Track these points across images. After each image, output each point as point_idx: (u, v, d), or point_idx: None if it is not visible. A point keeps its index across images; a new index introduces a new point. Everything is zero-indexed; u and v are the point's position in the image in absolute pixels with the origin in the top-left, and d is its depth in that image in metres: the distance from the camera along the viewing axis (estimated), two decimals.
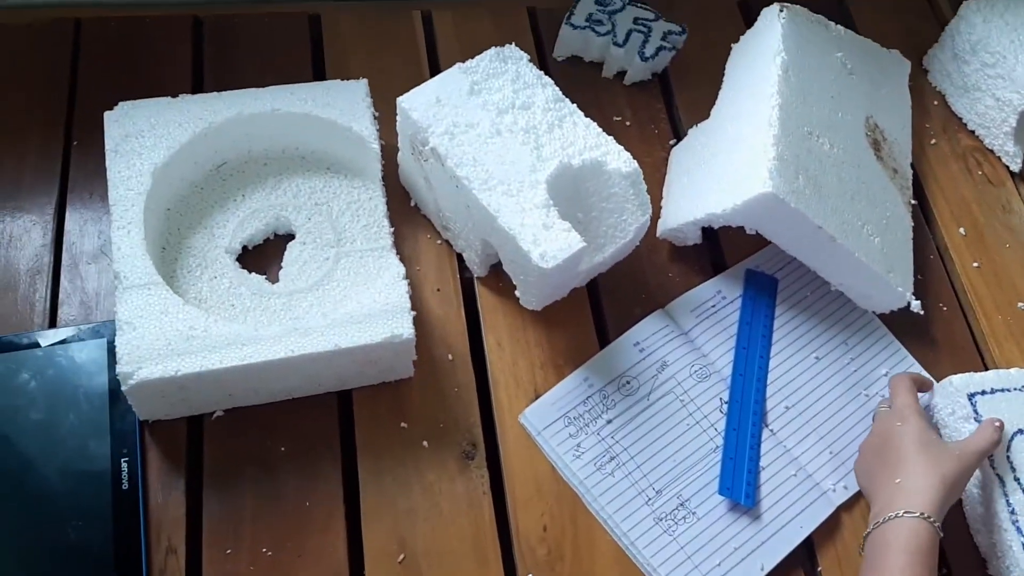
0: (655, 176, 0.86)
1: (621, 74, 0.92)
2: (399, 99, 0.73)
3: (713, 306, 0.80)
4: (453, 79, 0.75)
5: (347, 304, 0.70)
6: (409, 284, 0.70)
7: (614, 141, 0.73)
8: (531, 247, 0.68)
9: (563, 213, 0.70)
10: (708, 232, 0.81)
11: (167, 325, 0.65)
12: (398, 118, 0.75)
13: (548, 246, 0.68)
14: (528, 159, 0.72)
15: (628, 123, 0.90)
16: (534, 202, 0.70)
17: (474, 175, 0.70)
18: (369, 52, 0.90)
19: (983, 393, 0.72)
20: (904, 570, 0.61)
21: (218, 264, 0.73)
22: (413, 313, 0.69)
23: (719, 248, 0.84)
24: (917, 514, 0.63)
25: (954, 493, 0.66)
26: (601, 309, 0.79)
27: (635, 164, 0.72)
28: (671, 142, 0.89)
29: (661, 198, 0.85)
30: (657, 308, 0.79)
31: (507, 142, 0.72)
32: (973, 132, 0.95)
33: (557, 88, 0.76)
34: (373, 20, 0.91)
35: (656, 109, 0.91)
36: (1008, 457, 0.70)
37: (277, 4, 0.92)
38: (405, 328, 0.67)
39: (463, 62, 0.76)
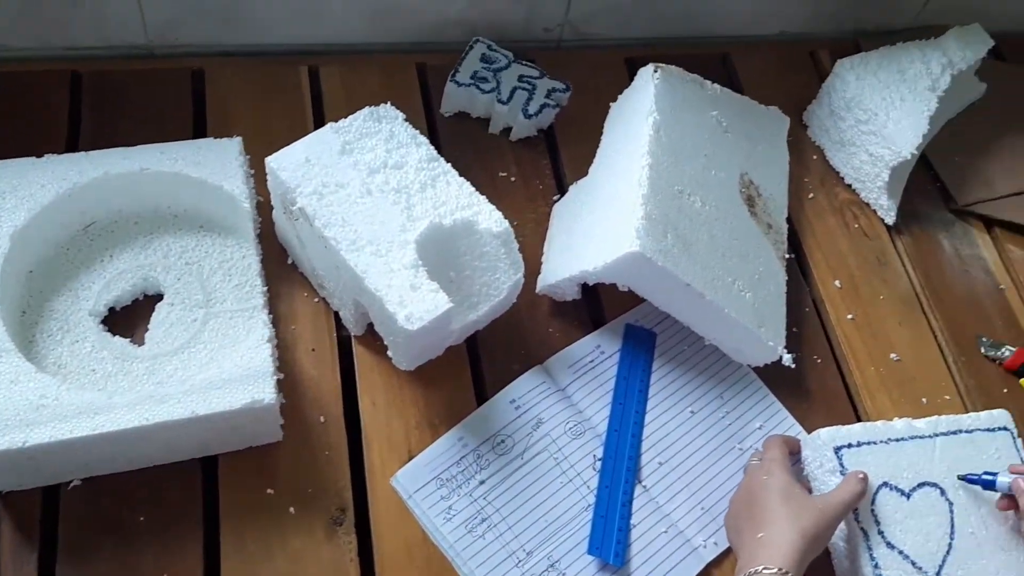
0: (538, 232, 0.87)
1: (508, 130, 0.93)
2: (267, 159, 0.73)
3: (591, 361, 0.80)
4: (324, 139, 0.75)
5: (211, 368, 0.68)
6: (278, 346, 0.70)
7: (486, 200, 0.74)
8: (397, 308, 0.68)
9: (434, 273, 0.71)
10: (588, 286, 0.82)
11: (16, 394, 0.63)
12: (268, 178, 0.74)
13: (414, 308, 0.68)
14: (398, 219, 0.72)
15: (513, 179, 0.91)
16: (403, 262, 0.70)
17: (342, 235, 0.70)
18: (253, 108, 0.89)
19: (849, 446, 0.73)
20: None
21: (81, 327, 0.71)
22: (280, 375, 0.68)
23: (599, 303, 0.85)
24: (775, 569, 0.63)
25: (816, 546, 0.67)
26: (480, 366, 0.79)
27: (506, 224, 0.73)
28: (555, 197, 0.90)
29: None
30: (537, 364, 0.79)
31: (377, 202, 0.72)
32: (850, 186, 0.98)
33: (432, 147, 0.76)
34: (258, 76, 0.91)
35: (542, 165, 0.92)
36: (872, 511, 0.71)
37: (159, 59, 0.91)
38: (267, 393, 0.66)
39: (336, 121, 0.76)
